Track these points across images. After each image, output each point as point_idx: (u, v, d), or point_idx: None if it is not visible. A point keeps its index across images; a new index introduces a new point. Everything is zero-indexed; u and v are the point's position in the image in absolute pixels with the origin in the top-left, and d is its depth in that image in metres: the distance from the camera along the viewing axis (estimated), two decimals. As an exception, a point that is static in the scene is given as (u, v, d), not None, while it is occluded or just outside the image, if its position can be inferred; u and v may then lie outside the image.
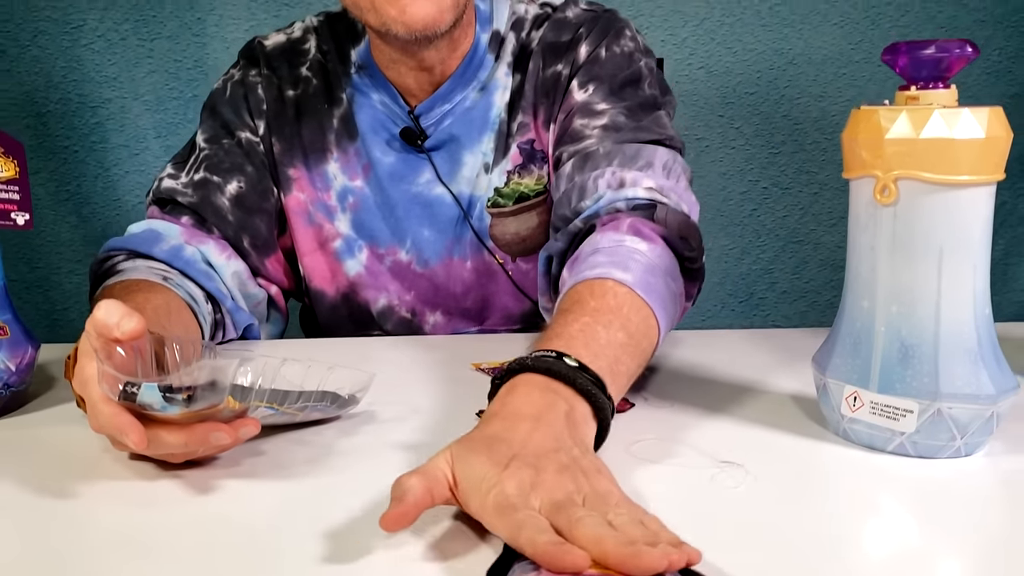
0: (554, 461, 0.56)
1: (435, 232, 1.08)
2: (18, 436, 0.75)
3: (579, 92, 1.01)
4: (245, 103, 1.07)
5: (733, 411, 0.77)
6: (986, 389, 0.64)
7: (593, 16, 1.05)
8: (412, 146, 1.06)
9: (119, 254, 0.98)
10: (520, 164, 1.06)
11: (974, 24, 1.84)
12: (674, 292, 0.83)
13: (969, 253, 0.64)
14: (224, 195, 1.03)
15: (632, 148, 0.94)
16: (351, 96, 1.08)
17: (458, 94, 1.05)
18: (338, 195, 1.08)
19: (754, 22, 1.85)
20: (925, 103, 0.64)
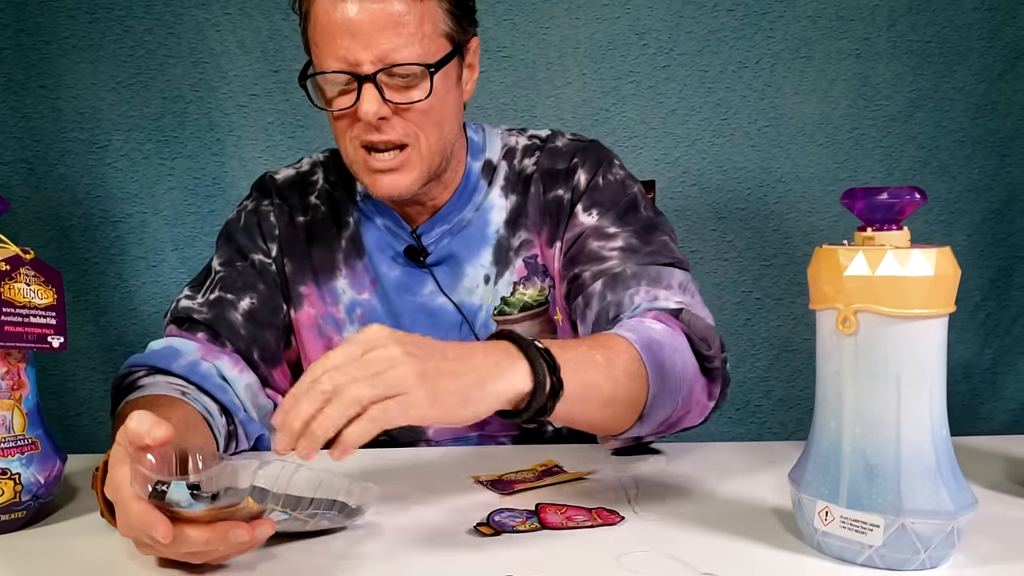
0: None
1: (439, 336, 1.13)
2: (46, 545, 0.80)
3: (584, 215, 1.12)
4: (259, 229, 1.17)
5: (717, 524, 0.82)
6: (946, 505, 0.69)
7: (583, 146, 1.17)
8: (415, 262, 1.15)
9: (140, 370, 1.04)
10: (525, 276, 1.15)
11: (953, 144, 1.94)
12: (679, 367, 0.92)
13: (925, 378, 0.70)
14: (237, 311, 1.11)
15: (655, 270, 1.05)
16: (358, 220, 1.17)
17: (455, 216, 1.15)
18: (347, 308, 1.16)
19: (743, 143, 1.95)
20: (879, 243, 0.71)
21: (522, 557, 0.75)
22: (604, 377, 0.84)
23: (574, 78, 1.92)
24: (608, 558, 0.74)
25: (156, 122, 1.91)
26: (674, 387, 0.91)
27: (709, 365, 0.98)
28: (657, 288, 1.03)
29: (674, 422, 0.97)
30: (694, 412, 0.98)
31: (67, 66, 1.89)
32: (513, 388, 0.76)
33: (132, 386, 1.01)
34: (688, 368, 0.94)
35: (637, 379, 0.87)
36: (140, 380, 1.02)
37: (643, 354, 0.89)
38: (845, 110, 1.93)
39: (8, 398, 0.82)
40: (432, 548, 0.78)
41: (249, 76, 1.91)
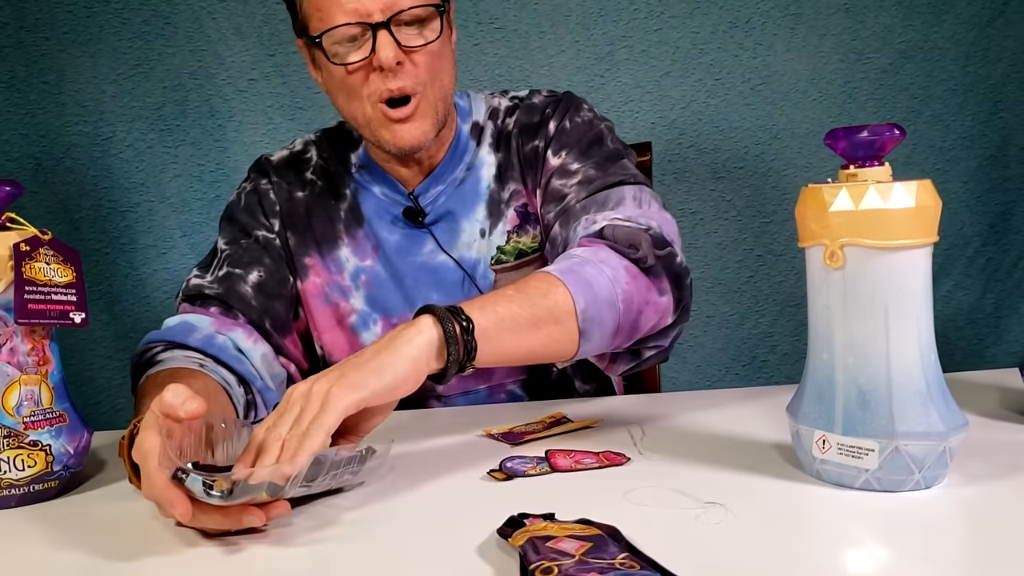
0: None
1: (443, 295, 1.19)
2: (78, 511, 0.84)
3: (554, 158, 1.18)
4: (260, 207, 1.22)
5: (718, 460, 0.85)
6: (937, 427, 0.72)
7: (555, 99, 1.23)
8: (414, 223, 1.19)
9: (157, 345, 1.08)
10: (517, 225, 1.20)
11: (945, 93, 1.96)
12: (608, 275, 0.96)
13: (912, 307, 0.73)
14: (247, 283, 1.15)
15: (603, 195, 1.09)
16: (354, 190, 1.22)
17: (448, 175, 1.20)
18: (351, 275, 1.20)
19: (738, 102, 1.97)
20: (862, 179, 0.74)
21: (534, 497, 0.78)
22: (517, 304, 0.90)
23: (567, 46, 1.94)
24: (615, 494, 0.77)
25: (158, 111, 1.94)
26: (606, 294, 0.95)
27: (643, 265, 1.00)
28: (599, 212, 1.07)
29: (631, 328, 0.99)
30: (648, 312, 1.00)
31: (68, 60, 1.92)
32: (425, 340, 0.84)
33: (151, 361, 1.05)
34: (619, 273, 0.97)
35: (556, 296, 0.93)
36: (158, 355, 1.05)
37: (556, 273, 0.95)
38: (837, 64, 1.95)
39: (35, 373, 0.85)
40: (448, 493, 0.81)
41: (247, 61, 1.93)
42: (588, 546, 0.63)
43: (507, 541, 0.67)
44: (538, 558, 0.61)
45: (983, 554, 0.64)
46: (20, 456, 0.83)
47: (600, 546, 0.63)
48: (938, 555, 0.65)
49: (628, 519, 0.70)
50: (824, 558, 0.64)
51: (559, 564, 0.60)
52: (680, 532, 0.69)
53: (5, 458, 0.83)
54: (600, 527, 0.67)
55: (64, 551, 0.74)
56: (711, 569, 0.61)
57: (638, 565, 0.60)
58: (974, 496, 0.74)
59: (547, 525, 0.68)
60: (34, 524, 0.81)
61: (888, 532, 0.68)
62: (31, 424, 0.84)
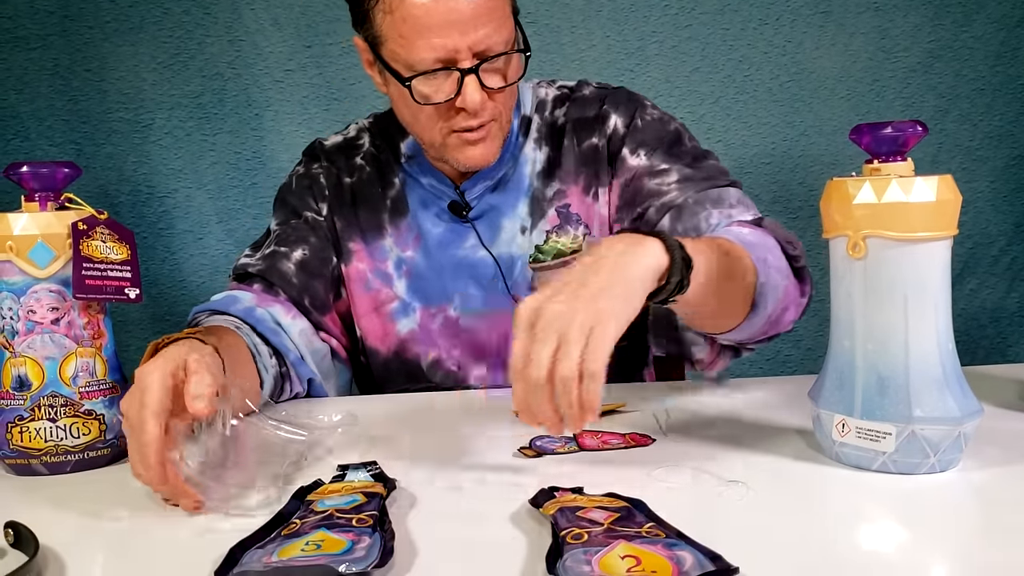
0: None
1: (479, 290, 1.21)
2: (130, 477, 0.87)
3: (633, 158, 1.17)
4: (310, 191, 1.26)
5: (743, 442, 0.89)
6: (952, 412, 0.75)
7: (608, 92, 1.23)
8: (458, 217, 1.21)
9: (202, 314, 1.14)
10: (557, 225, 1.20)
11: (973, 92, 1.97)
12: (775, 263, 0.99)
13: (930, 296, 0.76)
14: (290, 261, 1.20)
15: (715, 193, 1.11)
16: (402, 180, 1.24)
17: (497, 172, 1.20)
18: (394, 264, 1.23)
19: (766, 98, 1.99)
20: (885, 174, 0.76)
21: (561, 472, 0.82)
22: (718, 257, 0.89)
23: (598, 40, 1.97)
24: (640, 472, 0.81)
25: (197, 100, 1.99)
26: (775, 280, 0.98)
27: (796, 264, 1.05)
28: (723, 208, 1.09)
29: (776, 319, 1.03)
30: (791, 309, 1.05)
31: (110, 49, 1.97)
32: (654, 264, 0.80)
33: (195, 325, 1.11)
34: (782, 266, 1.01)
35: (745, 264, 0.95)
36: (203, 320, 1.11)
37: (746, 248, 0.96)
38: (865, 63, 1.97)
39: (91, 346, 0.90)
40: (479, 468, 0.85)
41: (283, 52, 1.98)
42: (616, 516, 0.67)
43: (539, 511, 0.70)
44: (569, 525, 0.65)
45: (994, 536, 0.67)
46: (76, 424, 0.88)
47: (627, 516, 0.67)
48: (950, 535, 0.68)
49: (653, 495, 0.73)
50: (841, 535, 0.67)
51: (589, 531, 0.63)
52: (703, 508, 0.73)
53: (62, 425, 0.88)
54: (626, 500, 0.71)
55: (113, 514, 0.78)
56: (733, 542, 0.64)
57: (663, 534, 0.63)
58: (988, 480, 0.76)
59: (576, 497, 0.72)
60: (87, 488, 0.85)
61: (903, 513, 0.71)
62: (86, 394, 0.89)
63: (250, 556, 0.64)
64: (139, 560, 0.69)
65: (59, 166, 0.91)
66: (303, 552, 0.63)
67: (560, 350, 0.74)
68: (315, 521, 0.68)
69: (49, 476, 0.89)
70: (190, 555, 0.67)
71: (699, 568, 0.58)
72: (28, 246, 0.87)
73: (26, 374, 0.88)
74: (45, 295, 0.88)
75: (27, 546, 0.68)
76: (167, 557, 0.69)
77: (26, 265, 0.87)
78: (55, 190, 0.91)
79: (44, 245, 0.88)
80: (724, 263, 0.90)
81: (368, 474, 0.81)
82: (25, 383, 0.88)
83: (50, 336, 0.88)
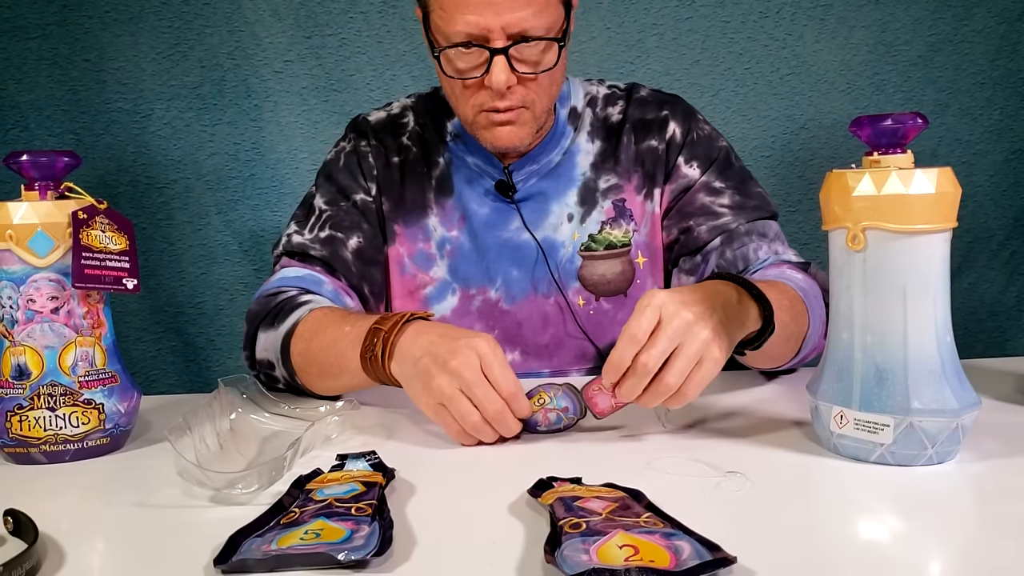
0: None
1: (522, 272, 1.23)
2: (128, 466, 0.89)
3: (687, 168, 1.22)
4: (359, 169, 1.26)
5: (740, 434, 0.89)
6: (950, 404, 0.75)
7: (668, 99, 1.27)
8: (504, 197, 1.22)
9: (291, 289, 1.14)
10: (612, 218, 1.23)
11: (974, 86, 1.97)
12: (819, 312, 1.04)
13: (929, 289, 0.76)
14: (347, 249, 1.21)
15: (761, 224, 1.18)
16: (448, 159, 1.25)
17: (544, 157, 1.22)
18: (437, 244, 1.24)
19: (766, 91, 1.99)
20: (885, 166, 0.77)
21: (560, 462, 0.82)
22: (789, 317, 0.96)
23: (598, 32, 1.97)
24: (639, 463, 0.81)
25: (196, 90, 1.98)
26: (818, 329, 1.04)
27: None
28: (768, 242, 1.16)
29: (804, 357, 1.08)
30: (818, 348, 1.08)
31: (109, 39, 1.96)
32: (749, 328, 0.90)
33: (294, 302, 1.10)
34: (823, 313, 1.05)
35: (802, 320, 1.00)
36: (299, 297, 1.11)
37: (804, 298, 1.02)
38: (866, 56, 1.96)
39: (90, 335, 0.90)
40: (478, 457, 0.85)
41: (283, 43, 1.97)
42: (614, 506, 0.67)
43: (537, 500, 0.71)
44: (567, 514, 0.65)
45: (990, 527, 0.68)
46: (75, 413, 0.88)
47: (625, 506, 0.67)
48: (947, 527, 0.68)
49: (651, 485, 0.73)
50: (838, 527, 0.68)
51: (587, 520, 0.63)
52: (701, 498, 0.73)
53: (61, 414, 0.88)
54: (624, 490, 0.71)
55: (112, 503, 0.78)
56: (731, 532, 0.64)
57: (661, 524, 0.63)
58: (985, 472, 0.77)
59: (575, 487, 0.72)
60: (86, 477, 0.86)
61: (900, 504, 0.71)
62: (85, 383, 0.89)
63: (249, 544, 0.64)
64: (138, 548, 0.69)
65: (59, 155, 0.91)
66: (302, 540, 0.63)
67: (677, 360, 0.82)
68: (314, 510, 0.68)
69: (48, 465, 0.89)
70: (189, 543, 0.68)
71: (697, 558, 0.58)
72: (28, 235, 0.87)
73: (25, 363, 0.88)
74: (45, 284, 0.88)
75: (26, 534, 0.68)
76: (166, 545, 0.69)
77: (26, 254, 0.87)
78: (55, 179, 0.91)
79: (44, 234, 0.88)
80: (790, 320, 0.97)
81: (367, 463, 0.81)
82: (24, 372, 0.88)
83: (49, 325, 0.88)
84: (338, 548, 0.61)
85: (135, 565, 0.66)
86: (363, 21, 1.94)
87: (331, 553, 0.60)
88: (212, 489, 0.77)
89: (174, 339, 2.04)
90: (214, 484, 0.77)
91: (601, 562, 0.57)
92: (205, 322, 2.04)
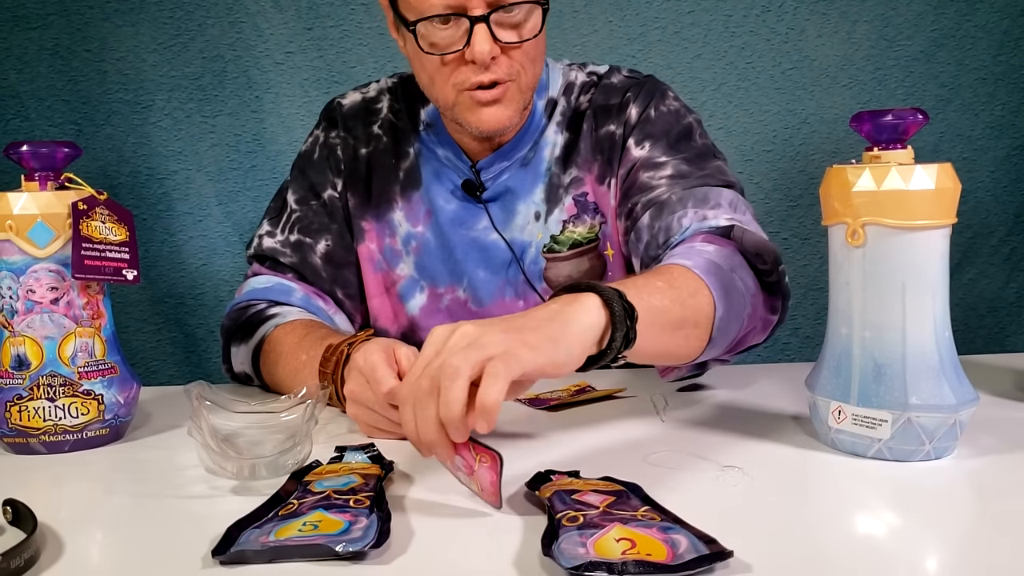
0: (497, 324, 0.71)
1: (490, 274, 1.18)
2: (127, 457, 0.89)
3: (636, 149, 1.12)
4: (327, 163, 1.23)
5: (739, 429, 0.89)
6: (948, 400, 0.76)
7: (637, 82, 1.19)
8: (471, 197, 1.18)
9: (260, 302, 1.14)
10: (575, 215, 1.17)
11: (976, 82, 1.96)
12: (740, 286, 0.91)
13: (928, 285, 0.76)
14: (316, 255, 1.19)
15: (701, 191, 1.04)
16: (418, 150, 1.21)
17: (516, 153, 1.17)
18: (403, 240, 1.21)
19: (768, 85, 1.98)
20: (885, 161, 0.76)
21: (558, 455, 0.82)
22: (670, 300, 0.82)
23: (600, 25, 1.96)
24: (636, 457, 0.81)
25: (197, 81, 1.98)
26: (739, 305, 0.91)
27: (767, 279, 0.98)
28: (704, 208, 1.02)
29: (739, 340, 0.97)
30: (758, 328, 0.99)
31: (110, 29, 1.96)
32: (593, 321, 0.73)
33: (262, 315, 1.11)
34: (749, 284, 0.94)
35: (701, 299, 0.86)
36: (269, 310, 1.11)
37: (703, 276, 0.88)
38: (868, 51, 1.96)
39: (89, 326, 0.90)
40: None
41: (284, 34, 1.97)
42: (611, 499, 0.67)
43: (535, 493, 0.71)
44: (564, 508, 0.65)
45: (987, 522, 0.68)
46: (74, 404, 0.88)
47: (622, 500, 0.67)
48: (945, 522, 0.68)
49: (649, 479, 0.73)
50: (836, 521, 0.68)
51: (584, 514, 0.63)
52: (699, 492, 0.73)
53: (61, 405, 0.88)
54: (622, 484, 0.71)
55: (111, 493, 0.79)
56: (727, 527, 0.64)
57: (658, 517, 0.64)
58: (982, 468, 0.77)
59: (572, 480, 0.72)
60: (85, 467, 0.86)
61: (898, 499, 0.71)
62: (85, 374, 0.89)
63: (247, 535, 0.64)
64: (137, 538, 0.69)
65: (59, 145, 0.91)
66: (300, 532, 0.63)
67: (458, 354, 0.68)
68: (312, 502, 0.68)
69: (47, 455, 0.89)
70: (187, 534, 0.68)
71: (694, 552, 0.58)
72: (28, 225, 0.87)
73: (25, 353, 0.88)
74: (44, 275, 0.88)
75: (25, 523, 0.68)
76: (164, 536, 0.69)
77: (25, 244, 0.87)
78: (55, 170, 0.91)
79: (44, 225, 0.88)
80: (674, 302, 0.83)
81: (366, 456, 0.81)
82: (24, 362, 0.88)
83: (49, 316, 0.88)
84: (336, 540, 0.61)
85: (134, 555, 0.66)
86: (364, 13, 1.94)
87: (329, 545, 0.61)
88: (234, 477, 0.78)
89: (174, 330, 2.04)
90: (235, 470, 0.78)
91: (598, 555, 0.57)
92: (205, 313, 2.04)
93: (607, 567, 0.56)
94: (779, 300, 1.00)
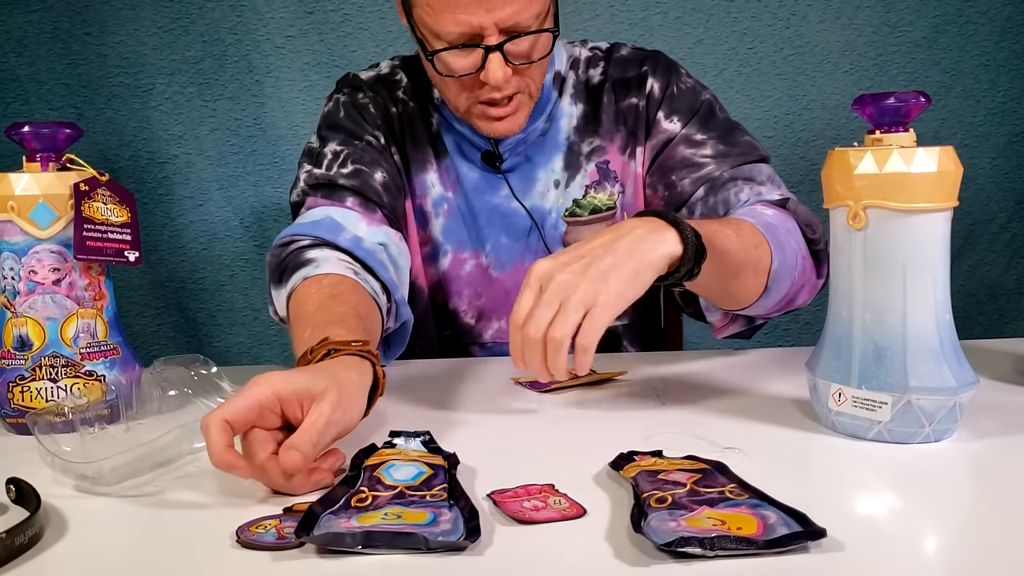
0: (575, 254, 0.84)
1: (511, 240, 1.21)
2: (130, 438, 0.89)
3: (667, 123, 1.19)
4: (362, 118, 1.20)
5: (740, 411, 0.89)
6: (948, 382, 0.76)
7: (648, 55, 1.24)
8: (491, 167, 1.20)
9: (304, 238, 1.06)
10: (596, 181, 1.21)
11: (977, 68, 1.96)
12: (794, 246, 1.02)
13: (929, 268, 0.76)
14: (375, 181, 1.14)
15: (747, 168, 1.13)
16: (439, 122, 1.22)
17: (530, 125, 1.19)
18: (434, 202, 1.22)
19: (770, 72, 1.98)
20: (887, 144, 0.77)
21: (559, 436, 0.82)
22: (735, 246, 0.93)
23: (602, 10, 1.96)
24: (637, 438, 0.81)
25: (197, 65, 1.98)
26: (791, 263, 1.01)
27: (815, 248, 1.07)
28: (755, 184, 1.11)
29: (791, 298, 1.06)
30: (806, 288, 1.07)
31: (110, 13, 1.95)
32: (668, 252, 0.84)
33: (300, 258, 1.02)
34: (800, 247, 1.04)
35: (761, 251, 0.97)
36: (307, 252, 1.03)
37: (765, 232, 0.98)
38: (870, 37, 1.96)
39: (91, 307, 0.90)
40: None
41: (285, 18, 1.96)
42: (698, 476, 0.68)
43: (619, 473, 0.72)
44: (651, 488, 0.65)
45: (986, 504, 0.68)
46: (76, 384, 0.88)
47: (709, 476, 0.68)
48: (944, 504, 0.68)
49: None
50: (836, 503, 0.68)
51: (672, 493, 0.64)
52: (699, 473, 0.73)
53: (63, 386, 0.88)
54: (707, 462, 0.72)
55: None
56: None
57: (746, 495, 0.65)
58: (981, 450, 0.77)
59: (656, 461, 0.73)
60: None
61: (897, 481, 0.72)
62: (87, 355, 0.89)
63: (327, 520, 0.63)
64: (139, 517, 0.69)
65: (60, 126, 0.90)
66: (384, 520, 0.62)
67: (559, 316, 0.80)
68: (387, 498, 0.67)
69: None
70: (187, 513, 0.68)
71: (785, 528, 0.59)
72: (29, 206, 0.87)
73: (27, 334, 0.88)
74: (46, 255, 0.88)
75: (28, 502, 0.69)
76: (166, 515, 0.69)
77: (27, 225, 0.87)
78: (56, 151, 0.91)
79: (45, 205, 0.88)
80: (739, 249, 0.93)
81: (420, 442, 0.79)
82: (26, 343, 0.88)
83: (51, 297, 0.88)
84: (426, 530, 0.60)
85: (136, 534, 0.67)
86: (365, -3, 1.94)
87: (425, 535, 0.59)
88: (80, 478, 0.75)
89: (175, 314, 2.05)
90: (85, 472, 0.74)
91: (691, 527, 0.59)
92: (206, 297, 2.04)
93: (699, 541, 0.56)
94: (825, 266, 1.08)
